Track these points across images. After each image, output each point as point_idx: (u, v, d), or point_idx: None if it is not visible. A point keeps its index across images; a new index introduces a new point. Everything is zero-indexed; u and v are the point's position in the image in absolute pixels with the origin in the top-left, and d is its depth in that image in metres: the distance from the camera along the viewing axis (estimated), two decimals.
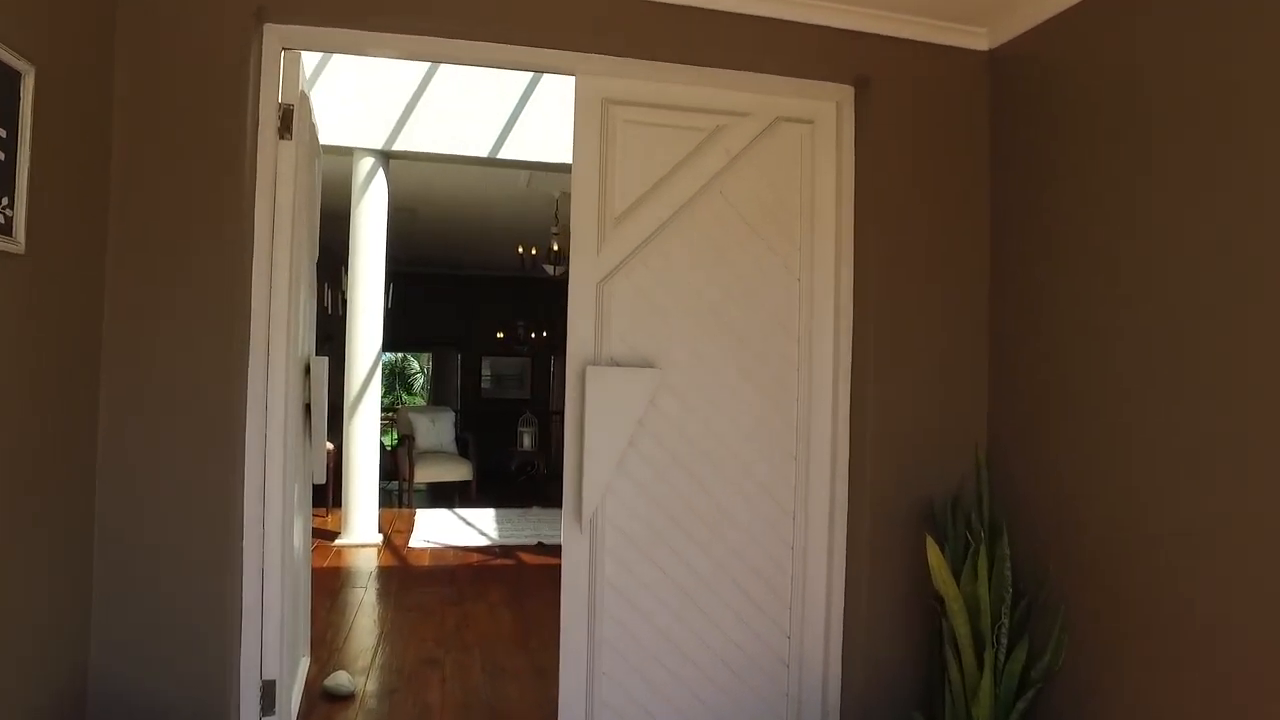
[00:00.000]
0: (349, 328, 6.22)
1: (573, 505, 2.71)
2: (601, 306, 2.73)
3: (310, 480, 3.40)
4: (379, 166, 6.21)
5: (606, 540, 2.74)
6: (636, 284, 2.77)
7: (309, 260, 3.21)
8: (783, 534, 2.90)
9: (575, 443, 2.70)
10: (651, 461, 2.76)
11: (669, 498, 2.78)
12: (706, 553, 2.82)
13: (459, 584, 5.24)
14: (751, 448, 2.86)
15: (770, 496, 2.89)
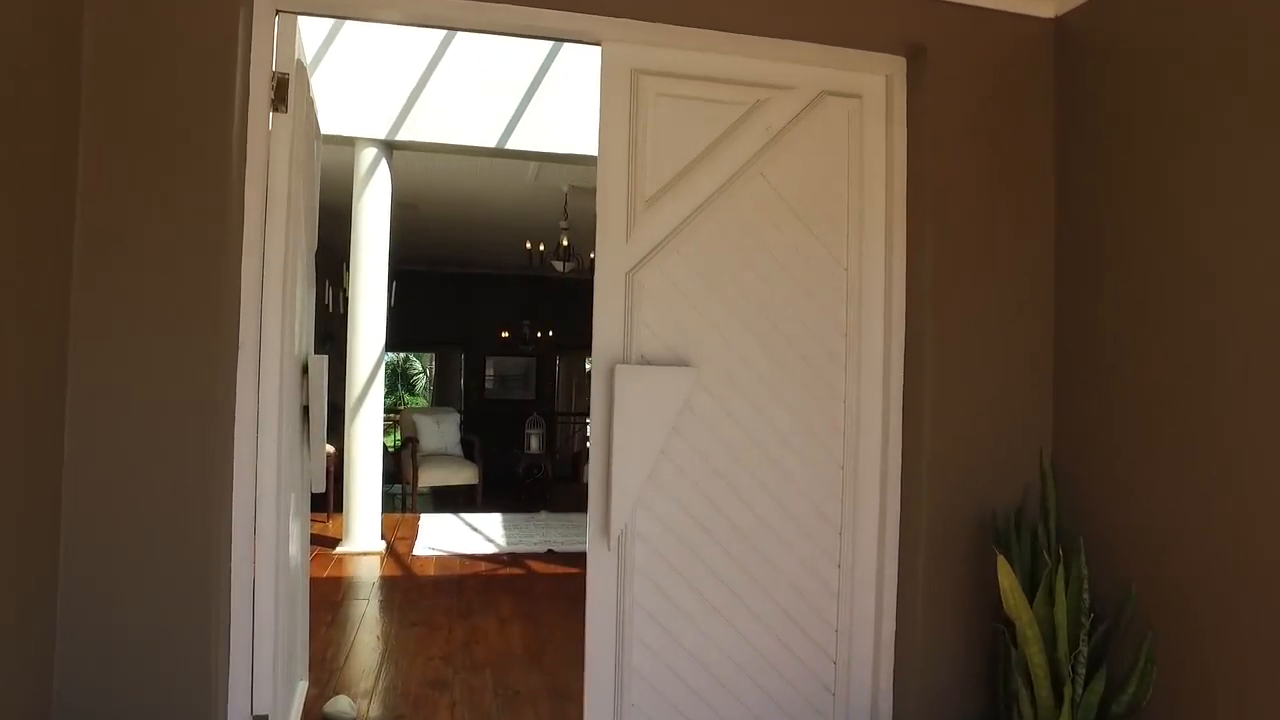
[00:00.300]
0: (350, 326, 5.96)
1: (599, 521, 2.45)
2: (631, 299, 2.47)
3: (309, 488, 3.14)
4: (382, 157, 5.95)
5: (636, 558, 2.48)
6: (669, 274, 2.50)
7: (307, 250, 2.95)
8: (828, 549, 2.63)
9: (601, 451, 2.44)
10: (686, 470, 2.49)
11: (705, 510, 2.51)
12: (745, 570, 2.56)
13: (466, 595, 4.97)
14: (794, 454, 2.60)
15: (815, 508, 2.62)
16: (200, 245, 2.04)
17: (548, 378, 14.87)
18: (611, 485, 2.37)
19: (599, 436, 2.44)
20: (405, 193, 8.15)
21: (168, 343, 2.01)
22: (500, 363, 14.55)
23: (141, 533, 1.99)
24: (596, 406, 2.44)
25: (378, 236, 5.98)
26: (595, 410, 2.44)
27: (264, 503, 2.26)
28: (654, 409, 2.40)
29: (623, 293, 2.46)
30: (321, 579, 5.18)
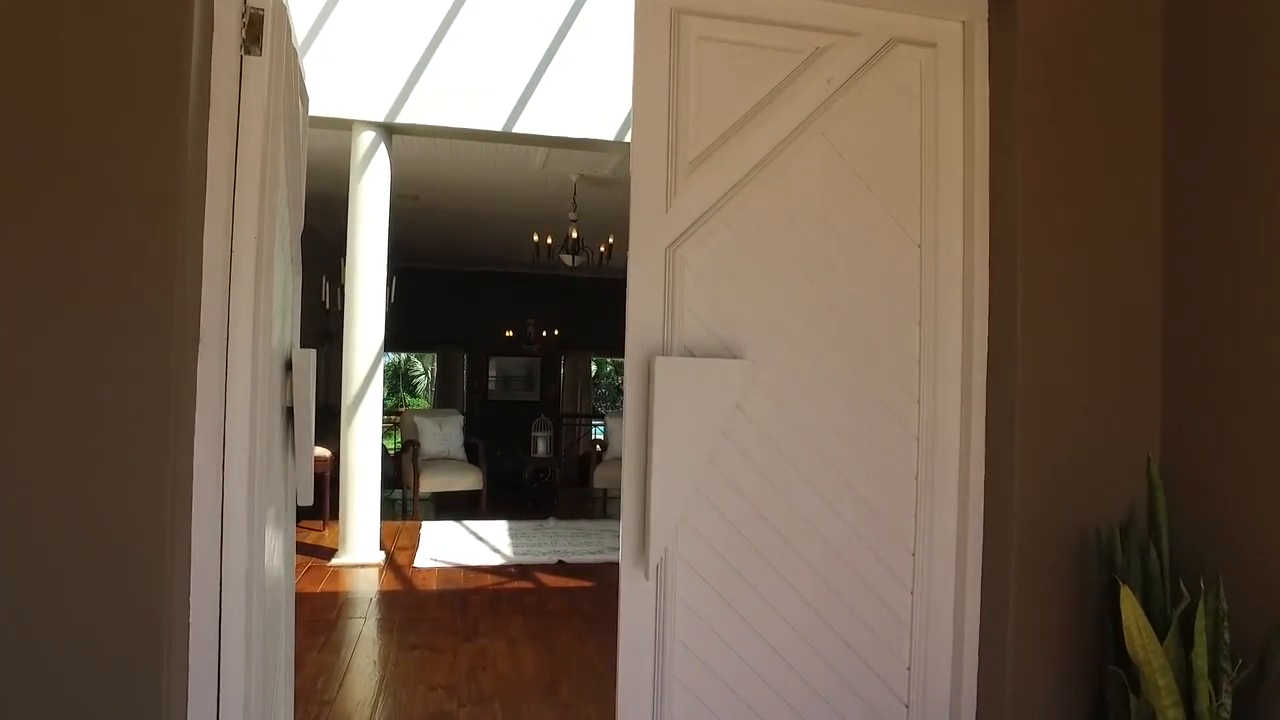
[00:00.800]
0: (347, 322, 5.58)
1: (634, 544, 2.06)
2: (671, 279, 2.08)
3: (294, 500, 2.76)
4: (380, 142, 5.57)
5: (678, 587, 2.09)
6: (715, 250, 2.11)
7: (292, 230, 2.57)
8: (900, 572, 2.25)
9: (636, 459, 2.05)
10: (737, 482, 2.10)
11: (758, 529, 2.13)
12: (803, 599, 2.17)
13: (472, 613, 4.59)
14: (860, 461, 2.21)
15: (884, 524, 2.23)
16: (149, 213, 1.65)
17: (552, 378, 14.50)
18: (650, 501, 1.98)
19: (633, 442, 2.05)
20: (406, 182, 7.78)
21: (106, 332, 1.62)
22: (503, 363, 14.19)
23: (70, 559, 1.60)
24: (631, 407, 2.05)
25: (376, 226, 5.60)
26: (630, 411, 2.05)
27: (233, 520, 1.87)
28: (701, 409, 2.01)
29: (662, 271, 2.08)
30: (315, 594, 4.79)
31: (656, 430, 1.97)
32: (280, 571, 2.63)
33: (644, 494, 2.03)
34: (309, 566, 5.42)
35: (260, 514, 2.01)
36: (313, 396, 2.68)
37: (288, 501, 2.71)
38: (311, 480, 2.74)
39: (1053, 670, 2.16)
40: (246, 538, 1.91)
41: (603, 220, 8.41)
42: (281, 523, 2.63)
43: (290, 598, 2.88)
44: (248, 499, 1.90)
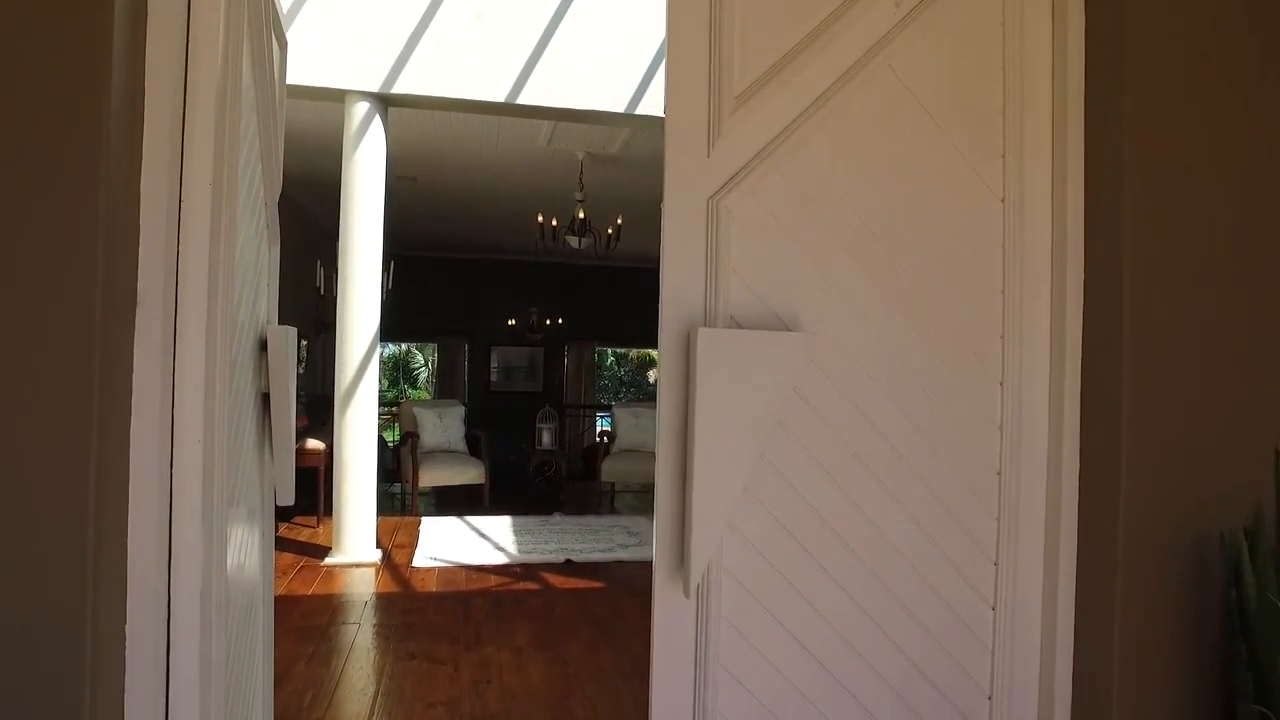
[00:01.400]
0: (340, 308, 5.24)
1: (669, 557, 1.72)
2: (714, 235, 1.73)
3: (272, 501, 2.43)
4: (375, 114, 5.21)
5: (723, 605, 1.75)
6: (766, 201, 1.77)
7: (265, 187, 2.23)
8: (979, 586, 1.91)
9: (673, 455, 1.71)
10: (793, 479, 1.76)
11: (816, 535, 1.79)
12: (869, 616, 1.83)
13: (475, 618, 4.25)
14: (935, 455, 1.87)
15: (961, 528, 1.89)
16: (58, 132, 1.30)
17: (556, 369, 14.17)
18: (691, 504, 1.64)
19: (669, 433, 1.70)
20: (404, 161, 7.43)
21: (6, 293, 1.27)
22: (504, 353, 13.86)
23: None
24: (666, 390, 1.71)
25: (371, 205, 5.25)
26: (665, 396, 1.71)
27: (185, 522, 1.54)
28: (752, 391, 1.67)
29: (703, 226, 1.73)
30: (306, 597, 4.46)
31: (699, 418, 1.63)
32: (256, 578, 2.30)
33: (682, 498, 1.68)
34: (300, 566, 5.09)
35: (222, 514, 1.67)
36: (292, 380, 2.35)
37: (264, 499, 2.38)
38: (292, 477, 2.41)
39: (1167, 705, 1.82)
40: (203, 543, 1.57)
41: (610, 202, 8.06)
42: (257, 523, 2.30)
43: (269, 606, 2.55)
44: (204, 497, 1.56)
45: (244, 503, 2.06)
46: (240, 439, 1.94)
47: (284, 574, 4.88)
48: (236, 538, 1.94)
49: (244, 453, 2.03)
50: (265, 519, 2.42)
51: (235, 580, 1.92)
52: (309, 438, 6.14)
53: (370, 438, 5.28)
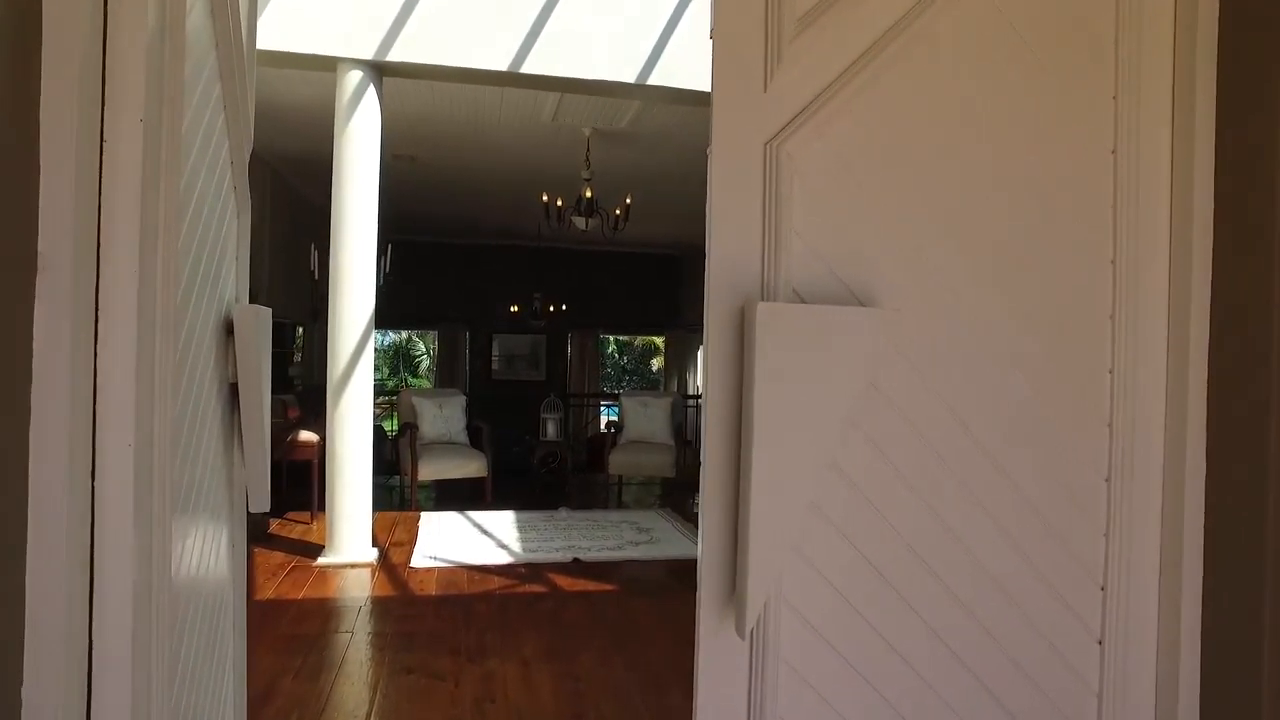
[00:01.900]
0: (333, 293, 4.91)
1: (719, 587, 1.40)
2: (774, 188, 1.40)
3: (243, 504, 2.13)
4: (369, 83, 4.87)
5: (782, 644, 1.43)
6: (836, 147, 1.44)
7: (231, 140, 1.90)
8: (1085, 616, 1.59)
9: (723, 460, 1.38)
10: (868, 490, 1.44)
11: (897, 559, 1.47)
12: (954, 654, 1.52)
13: (477, 625, 3.94)
14: (1033, 460, 1.55)
15: (1064, 548, 1.57)
16: None
17: (559, 356, 13.86)
18: (748, 524, 1.31)
19: (719, 434, 1.38)
20: (402, 139, 7.08)
21: None
22: (508, 341, 13.55)
23: None
24: (715, 378, 1.38)
25: (365, 181, 4.91)
26: (713, 385, 1.38)
27: (111, 531, 1.21)
28: (822, 381, 1.34)
29: (759, 177, 1.40)
30: (296, 601, 4.15)
31: (759, 414, 1.30)
32: (223, 589, 1.99)
33: (734, 511, 1.36)
34: (291, 567, 4.78)
35: (165, 520, 1.34)
36: (265, 368, 2.02)
37: (234, 503, 2.07)
38: (266, 479, 2.08)
39: None
40: (135, 555, 1.25)
41: (617, 182, 7.72)
42: (224, 527, 1.98)
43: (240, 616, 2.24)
44: (137, 502, 1.24)
45: (204, 505, 1.75)
46: (197, 435, 1.62)
47: (273, 576, 4.58)
48: (192, 544, 1.62)
49: (204, 450, 1.71)
50: (235, 523, 2.10)
51: (191, 591, 1.61)
52: (302, 430, 5.83)
53: (365, 430, 4.96)
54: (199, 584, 1.71)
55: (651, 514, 6.63)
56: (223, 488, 1.95)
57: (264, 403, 2.00)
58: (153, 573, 1.30)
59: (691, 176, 8.47)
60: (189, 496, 1.57)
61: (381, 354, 24.53)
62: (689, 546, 5.58)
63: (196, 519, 1.65)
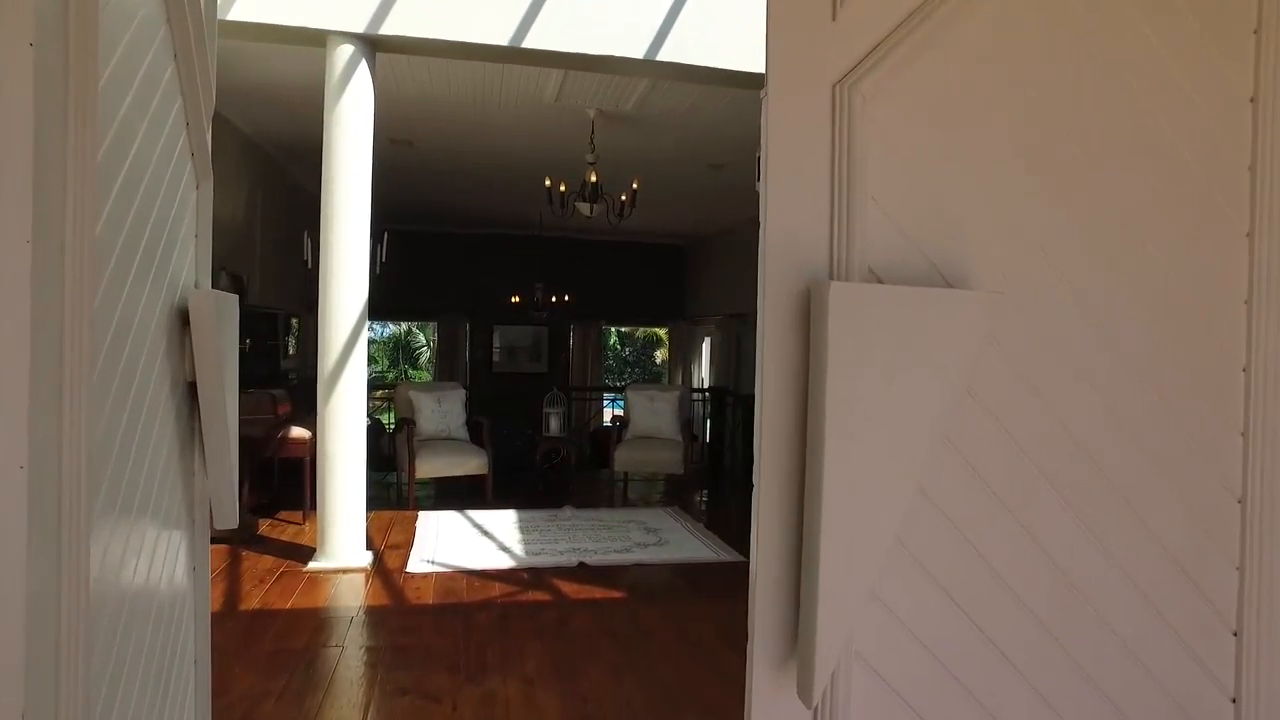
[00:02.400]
0: (323, 282, 4.62)
1: (775, 642, 1.12)
2: (844, 141, 1.12)
3: (205, 516, 1.87)
4: (361, 59, 4.57)
5: (852, 708, 1.14)
6: (919, 91, 1.16)
7: (179, 97, 1.61)
8: (1215, 668, 1.31)
9: (782, 482, 1.11)
10: (961, 523, 1.16)
11: (990, 601, 1.19)
12: (1057, 713, 1.23)
13: (477, 638, 3.67)
14: (1153, 477, 1.26)
15: (1192, 585, 1.29)
16: None
17: (561, 348, 13.58)
18: (819, 564, 1.03)
19: (777, 449, 1.10)
20: (397, 124, 6.79)
21: None
22: (508, 332, 13.26)
23: None
24: (772, 378, 1.10)
25: (357, 164, 4.61)
26: (768, 387, 1.10)
27: None
28: (909, 383, 1.06)
29: (826, 127, 1.12)
30: (283, 612, 3.88)
31: (831, 425, 1.02)
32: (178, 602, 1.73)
33: (797, 547, 1.08)
34: (280, 572, 4.50)
35: (78, 531, 1.07)
36: (229, 364, 1.75)
37: (193, 512, 1.80)
38: (231, 492, 1.82)
39: None
40: (27, 559, 0.97)
41: (623, 168, 7.42)
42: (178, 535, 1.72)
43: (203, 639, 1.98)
44: (29, 515, 0.96)
45: (151, 513, 1.49)
46: (139, 439, 1.35)
47: (260, 582, 4.30)
48: (128, 552, 1.36)
49: (150, 456, 1.44)
50: (196, 534, 1.83)
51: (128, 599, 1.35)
52: (294, 426, 5.55)
53: (358, 427, 4.67)
54: (145, 594, 1.45)
55: (659, 513, 6.36)
56: (176, 496, 1.68)
57: (227, 404, 1.73)
58: (61, 582, 1.04)
59: (697, 163, 8.17)
60: (127, 504, 1.31)
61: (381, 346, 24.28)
62: (700, 548, 5.31)
63: (136, 527, 1.39)
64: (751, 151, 6.53)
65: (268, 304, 7.32)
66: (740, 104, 6.15)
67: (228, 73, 5.95)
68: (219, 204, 6.98)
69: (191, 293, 1.62)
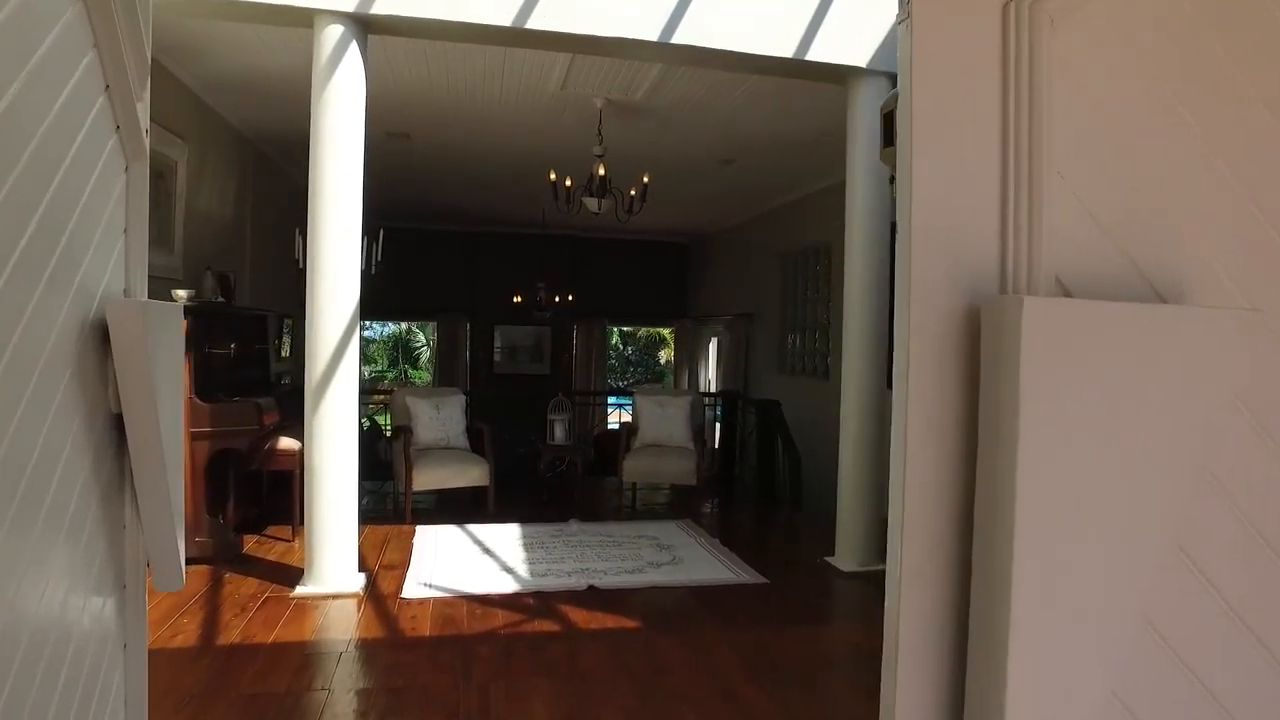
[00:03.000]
0: (310, 282, 4.26)
1: None
2: (1021, 86, 0.76)
3: (140, 575, 1.53)
4: (351, 39, 4.21)
5: None
6: (1131, 18, 0.79)
7: (93, 54, 1.26)
8: None
9: (938, 558, 0.75)
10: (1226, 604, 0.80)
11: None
12: None
13: (478, 676, 3.32)
14: None
15: None
16: None
17: (564, 349, 13.24)
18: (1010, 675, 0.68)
19: (935, 519, 0.74)
20: (394, 116, 6.44)
21: None
22: (510, 333, 12.93)
23: None
24: (920, 435, 0.75)
25: (347, 154, 4.25)
26: (918, 443, 0.75)
27: None
28: (1142, 440, 0.70)
29: (996, 66, 0.75)
30: (265, 647, 3.53)
31: (1028, 498, 0.67)
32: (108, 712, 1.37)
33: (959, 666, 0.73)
34: (264, 598, 4.15)
35: None
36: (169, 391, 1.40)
37: (124, 576, 1.45)
38: (173, 546, 1.48)
39: None
40: None
41: (631, 163, 7.06)
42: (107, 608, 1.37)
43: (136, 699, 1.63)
44: None
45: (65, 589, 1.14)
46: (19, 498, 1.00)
47: (242, 611, 3.95)
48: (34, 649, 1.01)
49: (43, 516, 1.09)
50: (129, 607, 1.48)
51: None
52: (283, 436, 5.20)
53: (349, 439, 4.32)
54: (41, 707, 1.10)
55: (671, 527, 6.01)
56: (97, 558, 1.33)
57: (165, 439, 1.37)
58: None
59: (708, 158, 7.81)
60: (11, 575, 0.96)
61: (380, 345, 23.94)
62: (717, 567, 4.96)
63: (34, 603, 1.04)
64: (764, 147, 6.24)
65: (260, 304, 6.97)
66: (755, 95, 5.80)
67: (216, 64, 5.60)
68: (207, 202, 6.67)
69: (112, 303, 1.26)
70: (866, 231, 4.92)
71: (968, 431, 0.79)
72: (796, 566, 5.15)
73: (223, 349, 5.10)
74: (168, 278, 5.16)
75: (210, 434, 4.62)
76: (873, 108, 4.83)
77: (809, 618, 4.29)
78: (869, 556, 4.94)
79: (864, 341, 4.95)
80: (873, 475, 4.95)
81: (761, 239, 10.64)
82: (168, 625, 3.69)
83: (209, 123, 6.28)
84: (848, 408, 5.01)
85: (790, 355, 9.87)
